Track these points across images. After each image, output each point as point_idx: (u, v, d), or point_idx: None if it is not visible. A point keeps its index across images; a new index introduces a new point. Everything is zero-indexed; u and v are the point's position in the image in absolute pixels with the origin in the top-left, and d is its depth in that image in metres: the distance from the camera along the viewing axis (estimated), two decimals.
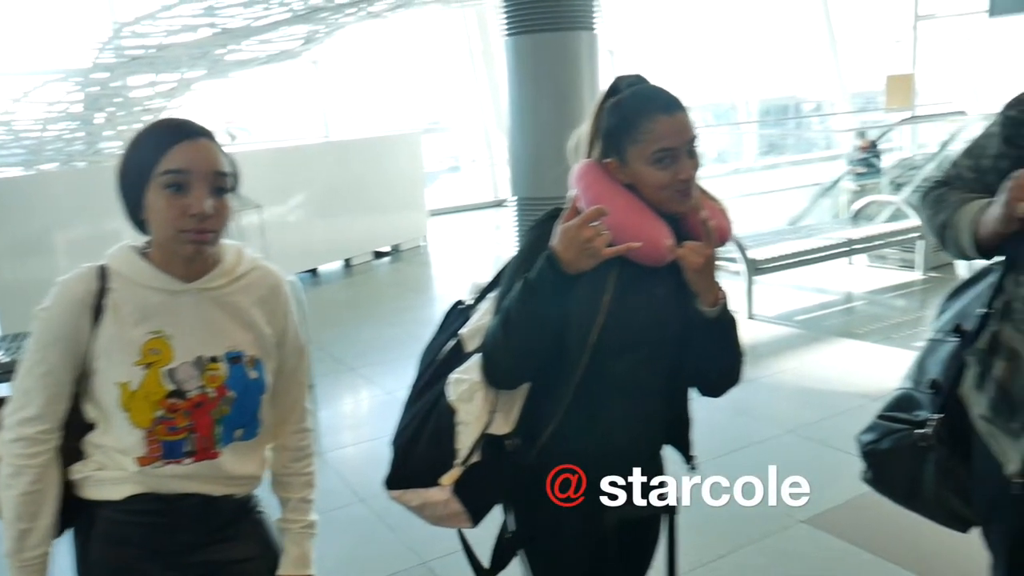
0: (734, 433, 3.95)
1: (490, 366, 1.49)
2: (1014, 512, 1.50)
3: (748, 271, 5.63)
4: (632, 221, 1.45)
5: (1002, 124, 1.52)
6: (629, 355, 1.50)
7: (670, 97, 1.47)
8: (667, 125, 1.44)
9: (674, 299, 1.51)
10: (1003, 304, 1.51)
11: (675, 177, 1.44)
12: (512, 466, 1.52)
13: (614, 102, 1.49)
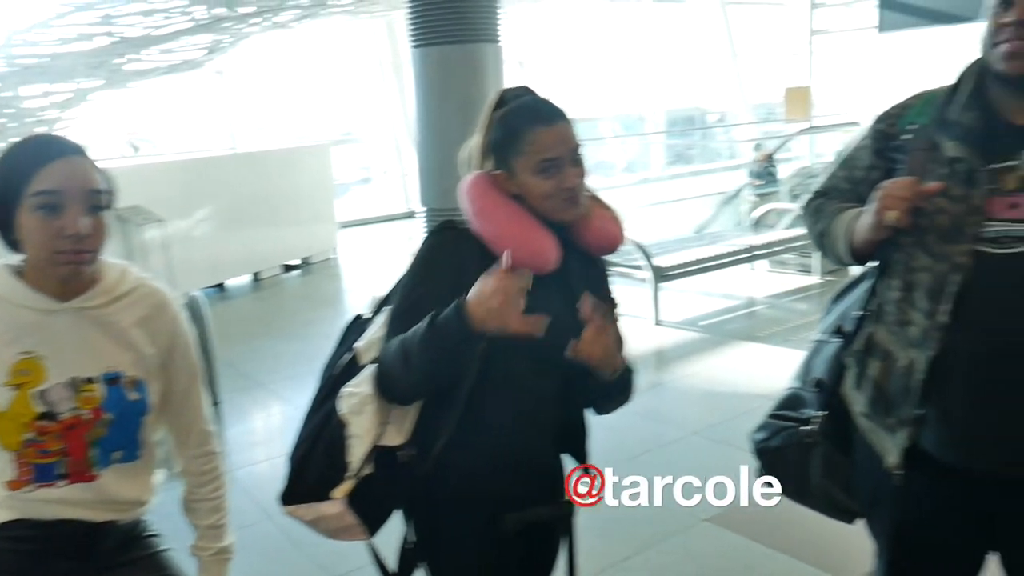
0: (642, 437, 4.04)
1: (386, 389, 1.49)
2: (894, 502, 1.58)
3: (654, 278, 5.76)
4: (516, 231, 1.48)
5: (872, 137, 1.60)
6: (519, 363, 1.52)
7: (552, 108, 1.52)
8: (549, 136, 1.48)
9: (564, 307, 1.55)
10: (877, 307, 1.59)
11: (560, 185, 1.48)
12: (407, 476, 1.53)
13: (499, 115, 1.53)
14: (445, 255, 1.54)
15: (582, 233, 1.57)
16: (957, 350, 1.42)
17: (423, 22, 4.82)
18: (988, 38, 1.40)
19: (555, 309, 1.54)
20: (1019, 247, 1.37)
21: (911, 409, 1.48)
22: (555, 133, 1.49)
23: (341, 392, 1.52)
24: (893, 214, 1.42)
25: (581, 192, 1.52)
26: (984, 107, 1.45)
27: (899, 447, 1.51)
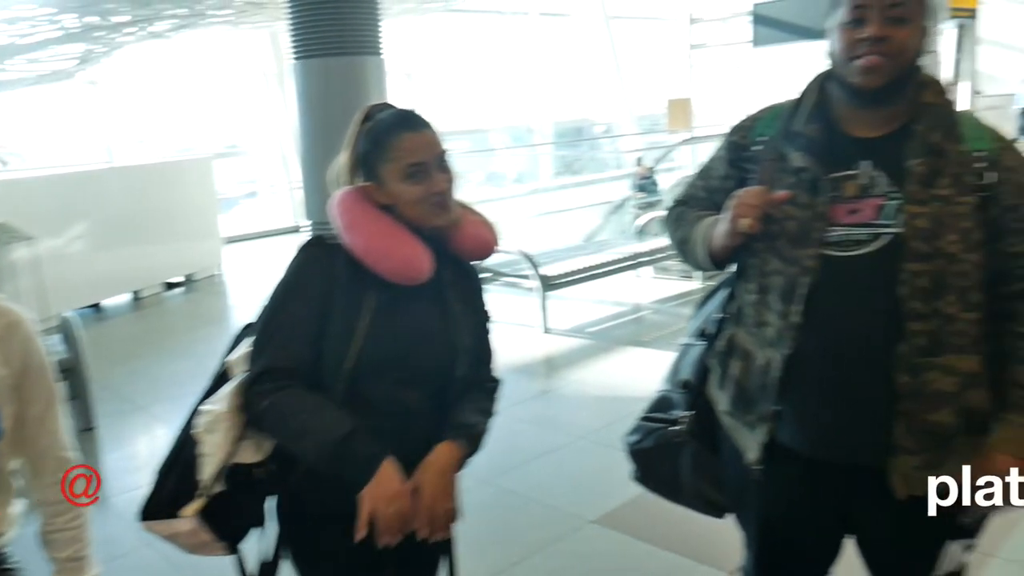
0: (530, 443, 4.10)
1: (254, 421, 1.50)
2: (758, 496, 1.66)
3: (542, 287, 5.86)
4: (385, 243, 1.51)
5: (726, 148, 1.69)
6: (389, 377, 1.53)
7: (416, 116, 1.57)
8: (414, 140, 1.52)
9: (437, 319, 1.58)
10: (736, 310, 1.68)
11: (429, 190, 1.51)
12: (265, 493, 1.53)
13: (365, 129, 1.56)
14: (314, 270, 1.54)
15: (455, 240, 1.61)
16: (809, 348, 1.51)
17: (304, 34, 4.78)
18: (843, 53, 1.48)
19: (420, 321, 1.57)
20: (860, 250, 1.47)
21: (769, 405, 1.56)
22: (421, 138, 1.53)
23: (199, 409, 1.51)
24: (746, 221, 1.50)
25: (451, 197, 1.55)
26: (826, 120, 1.54)
27: (759, 442, 1.59)
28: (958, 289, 1.44)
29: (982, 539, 1.62)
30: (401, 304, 1.54)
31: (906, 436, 1.47)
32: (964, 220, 1.45)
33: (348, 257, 1.52)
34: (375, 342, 1.50)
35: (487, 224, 1.66)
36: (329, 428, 1.43)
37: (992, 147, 1.49)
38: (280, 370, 1.47)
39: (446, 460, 1.52)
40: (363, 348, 1.49)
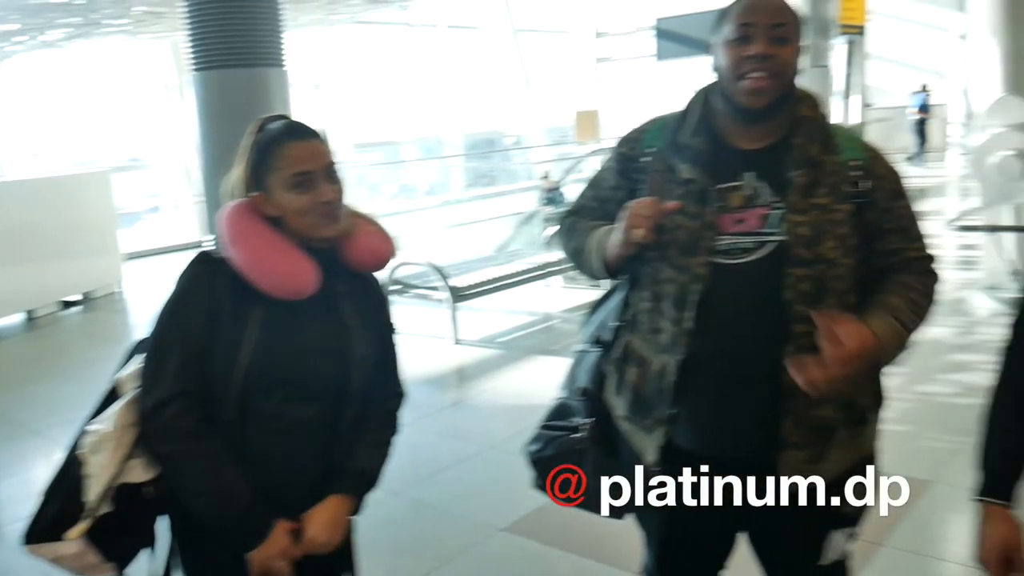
0: (441, 454, 4.10)
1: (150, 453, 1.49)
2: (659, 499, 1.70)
3: (451, 298, 5.87)
4: (267, 256, 1.50)
5: (616, 160, 1.74)
6: (280, 393, 1.53)
7: (304, 126, 1.56)
8: (301, 150, 1.52)
9: (330, 332, 1.57)
10: (631, 317, 1.72)
11: (315, 200, 1.51)
12: (154, 513, 1.50)
13: (255, 139, 1.54)
14: (200, 287, 1.52)
15: (347, 251, 1.60)
16: (702, 352, 1.57)
17: (203, 45, 4.69)
18: (730, 69, 1.54)
19: (317, 333, 1.56)
20: (747, 258, 1.54)
21: (665, 409, 1.61)
22: (307, 148, 1.52)
23: (85, 429, 1.47)
24: (639, 231, 1.54)
25: (339, 208, 1.55)
26: (710, 132, 1.61)
27: (656, 445, 1.64)
28: (837, 292, 1.53)
29: (872, 529, 1.70)
30: (289, 319, 1.53)
31: (793, 432, 1.54)
32: (841, 226, 1.53)
33: (234, 272, 1.50)
34: (262, 358, 1.49)
35: (382, 234, 1.66)
36: (225, 497, 1.46)
37: (865, 156, 1.58)
38: (174, 399, 1.46)
39: (334, 513, 1.58)
40: (250, 364, 1.48)
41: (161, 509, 1.55)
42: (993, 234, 5.75)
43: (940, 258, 1.63)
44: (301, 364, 1.53)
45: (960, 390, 4.45)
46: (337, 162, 1.56)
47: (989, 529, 1.40)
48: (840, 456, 1.59)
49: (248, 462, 1.50)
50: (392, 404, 1.73)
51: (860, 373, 1.45)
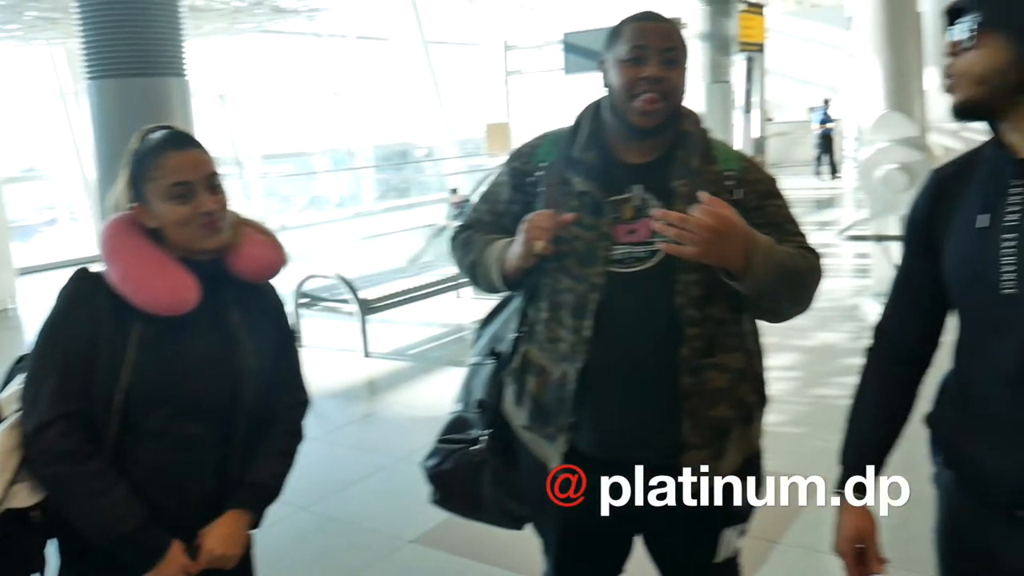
0: (351, 468, 4.07)
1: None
2: (560, 506, 1.71)
3: (361, 311, 5.82)
4: (141, 273, 1.47)
5: (509, 174, 1.77)
6: (164, 411, 1.50)
7: (185, 136, 1.54)
8: (180, 160, 1.49)
9: (217, 346, 1.55)
10: (529, 328, 1.75)
11: (195, 211, 1.48)
12: (45, 536, 1.46)
13: (134, 150, 1.52)
14: (79, 304, 1.48)
15: (233, 261, 1.58)
16: (601, 359, 1.61)
17: (98, 52, 4.53)
18: (623, 88, 1.59)
19: (202, 348, 1.53)
20: (640, 266, 1.60)
21: (567, 417, 1.65)
22: (187, 157, 1.50)
23: None
24: (540, 243, 1.58)
25: (221, 219, 1.52)
26: (601, 147, 1.66)
27: (559, 452, 1.67)
28: (725, 295, 1.59)
29: (768, 528, 1.77)
30: (171, 334, 1.50)
31: (692, 432, 1.60)
32: None
33: (112, 289, 1.47)
34: (143, 376, 1.46)
35: (270, 243, 1.63)
36: (114, 518, 1.43)
37: (739, 166, 1.67)
38: (56, 421, 1.42)
39: (233, 527, 1.56)
40: (131, 383, 1.45)
41: (50, 533, 1.50)
42: (881, 243, 6.05)
43: (823, 253, 1.70)
44: (186, 380, 1.50)
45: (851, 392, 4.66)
46: (220, 173, 1.54)
47: (844, 521, 1.47)
48: (735, 453, 1.66)
49: (139, 480, 1.47)
50: (295, 413, 1.71)
51: (726, 243, 1.45)
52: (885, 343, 1.51)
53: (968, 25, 1.23)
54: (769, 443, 4.45)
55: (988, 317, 1.27)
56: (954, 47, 1.26)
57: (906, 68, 5.62)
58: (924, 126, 5.68)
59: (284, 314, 1.72)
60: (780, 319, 1.66)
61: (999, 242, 1.23)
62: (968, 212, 1.29)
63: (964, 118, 1.29)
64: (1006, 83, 1.21)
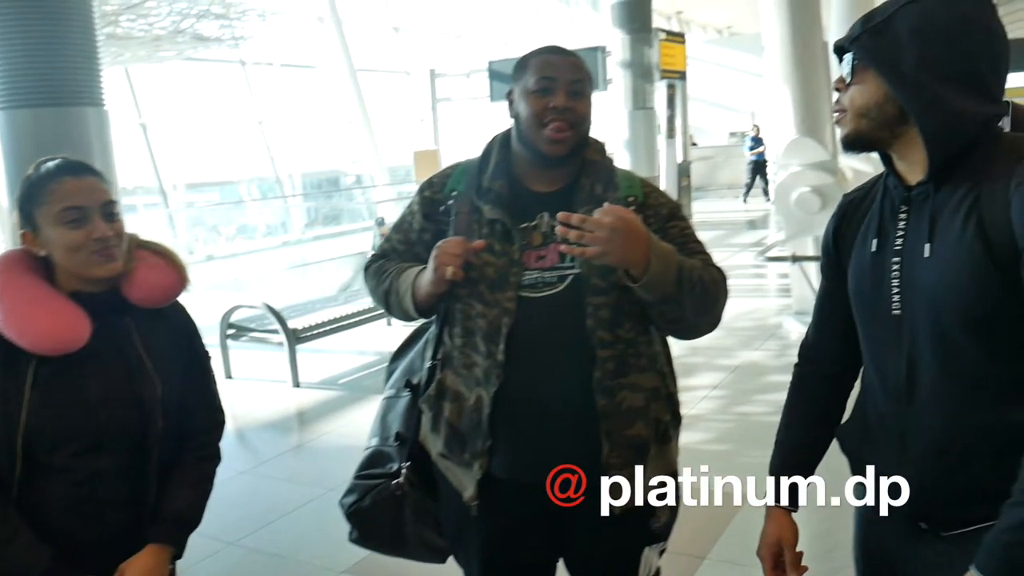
0: (279, 501, 4.01)
1: None
2: (477, 532, 1.75)
3: (289, 341, 5.76)
4: (23, 315, 1.44)
5: (420, 204, 1.81)
6: (69, 448, 1.48)
7: (81, 164, 1.53)
8: (74, 185, 1.48)
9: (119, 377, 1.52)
10: (444, 355, 1.78)
11: (88, 236, 1.46)
12: None
13: (27, 176, 1.51)
14: None
15: (127, 288, 1.56)
16: (515, 383, 1.64)
17: (10, 82, 4.42)
18: (533, 118, 1.64)
19: (102, 381, 1.50)
20: (551, 290, 1.65)
21: (483, 441, 1.67)
22: (81, 183, 1.49)
23: None
24: (451, 269, 1.61)
25: (116, 247, 1.50)
26: (509, 176, 1.71)
27: (475, 479, 1.69)
28: (634, 316, 1.65)
29: (694, 544, 1.81)
30: (69, 371, 1.47)
31: (611, 453, 1.64)
32: None
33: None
34: (42, 416, 1.44)
35: (164, 266, 1.60)
36: (19, 565, 1.40)
37: (640, 192, 1.73)
38: None
39: (153, 561, 1.53)
40: (30, 424, 1.43)
41: None
42: (798, 263, 6.26)
43: (739, 273, 1.77)
44: (88, 416, 1.48)
45: (775, 409, 4.73)
46: (118, 201, 1.53)
47: (768, 528, 1.54)
48: (652, 472, 1.68)
49: (52, 517, 1.45)
50: (211, 435, 1.70)
51: (627, 242, 1.48)
52: (809, 360, 1.58)
53: (849, 61, 1.31)
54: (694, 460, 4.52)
55: (881, 336, 1.34)
56: (840, 82, 1.33)
57: (815, 95, 5.86)
58: (834, 150, 5.92)
59: (194, 335, 1.70)
60: (687, 333, 1.70)
61: (889, 266, 1.30)
62: (865, 236, 1.37)
63: (853, 149, 1.35)
64: (885, 116, 1.28)
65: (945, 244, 1.22)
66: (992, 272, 1.17)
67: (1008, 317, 1.18)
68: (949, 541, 1.27)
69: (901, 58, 1.24)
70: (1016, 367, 1.20)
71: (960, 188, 1.23)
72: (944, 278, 1.22)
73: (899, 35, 1.25)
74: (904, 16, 1.24)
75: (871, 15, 1.30)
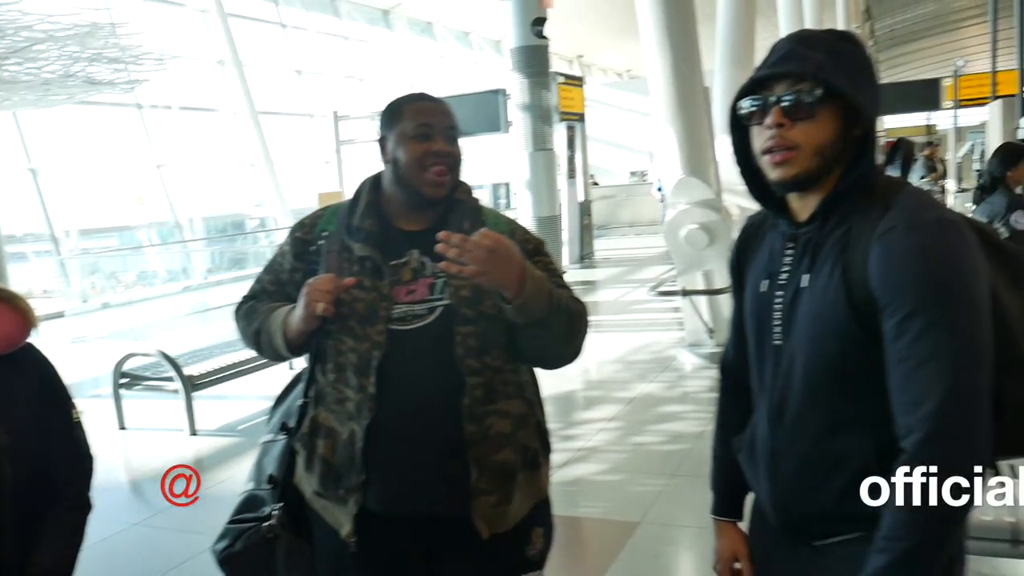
0: (176, 551, 3.92)
1: None
2: (356, 571, 1.77)
3: (185, 388, 5.65)
4: None
5: (291, 244, 1.85)
6: None
7: None
8: None
9: None
10: (316, 392, 1.81)
11: None
12: None
13: None
14: None
15: None
16: (387, 415, 1.69)
17: None
18: (413, 162, 1.71)
19: None
20: (420, 323, 1.71)
21: (357, 476, 1.70)
22: None
23: None
24: (320, 305, 1.66)
25: None
26: (380, 216, 1.78)
27: (351, 515, 1.72)
28: (500, 344, 1.73)
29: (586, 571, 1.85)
30: None
31: (480, 479, 1.69)
32: None
33: None
34: None
35: (12, 312, 1.59)
36: None
37: (508, 229, 1.82)
38: None
39: None
40: None
41: None
42: (688, 297, 6.50)
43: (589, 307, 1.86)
44: None
45: (667, 438, 4.96)
46: None
47: (720, 543, 1.62)
48: (523, 499, 1.77)
49: None
50: (78, 484, 1.68)
51: (503, 264, 1.55)
52: (729, 372, 1.67)
53: (805, 95, 1.28)
54: (589, 490, 4.68)
55: (764, 362, 1.43)
56: (783, 118, 1.29)
57: (698, 136, 6.16)
58: (718, 188, 6.21)
59: (52, 380, 1.68)
60: (552, 361, 1.80)
61: (774, 298, 1.40)
62: (758, 265, 1.47)
63: (792, 190, 1.35)
64: (835, 153, 1.30)
65: (819, 279, 1.31)
66: (850, 316, 1.26)
67: (859, 359, 1.27)
68: (820, 550, 1.38)
69: (860, 90, 1.28)
70: (864, 405, 1.29)
71: (839, 227, 1.30)
72: (812, 310, 1.31)
73: (849, 69, 1.28)
74: (837, 48, 1.30)
75: (808, 43, 1.31)
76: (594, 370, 6.66)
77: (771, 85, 1.31)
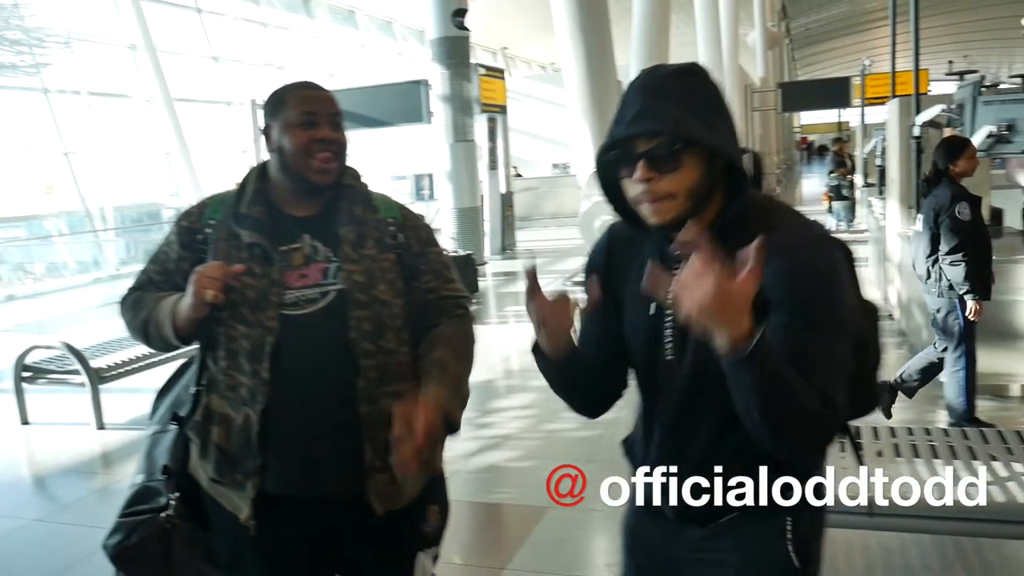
0: (81, 546, 3.81)
1: None
2: (256, 556, 1.79)
3: (92, 381, 5.50)
4: None
5: (177, 233, 1.84)
6: None
7: None
8: None
9: None
10: (208, 379, 1.81)
11: None
12: None
13: None
14: None
15: None
16: (282, 399, 1.71)
17: None
18: (300, 149, 1.73)
19: None
20: (313, 307, 1.74)
21: (254, 460, 1.72)
22: None
23: None
24: (210, 292, 1.66)
25: None
26: (267, 203, 1.79)
27: (249, 499, 1.73)
28: (394, 328, 1.78)
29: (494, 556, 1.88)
30: None
31: (375, 457, 1.72)
32: (389, 272, 1.79)
33: None
34: None
35: None
36: None
37: (399, 215, 1.87)
38: None
39: None
40: None
41: None
42: None
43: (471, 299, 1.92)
44: None
45: (580, 425, 5.02)
46: None
47: None
48: (417, 475, 1.78)
49: None
50: None
51: (437, 445, 1.67)
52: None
53: (667, 148, 1.31)
54: (501, 477, 4.74)
55: (655, 377, 1.49)
56: (649, 172, 1.32)
57: None
58: None
59: None
60: None
61: (664, 319, 1.45)
62: (638, 295, 1.43)
63: (673, 230, 1.38)
64: (705, 188, 1.35)
65: None
66: None
67: None
68: (709, 528, 1.48)
69: (716, 130, 1.34)
70: None
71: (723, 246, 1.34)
72: None
73: (703, 112, 1.33)
74: (686, 91, 1.35)
75: (660, 96, 1.33)
76: (514, 358, 6.74)
77: (632, 140, 1.33)
